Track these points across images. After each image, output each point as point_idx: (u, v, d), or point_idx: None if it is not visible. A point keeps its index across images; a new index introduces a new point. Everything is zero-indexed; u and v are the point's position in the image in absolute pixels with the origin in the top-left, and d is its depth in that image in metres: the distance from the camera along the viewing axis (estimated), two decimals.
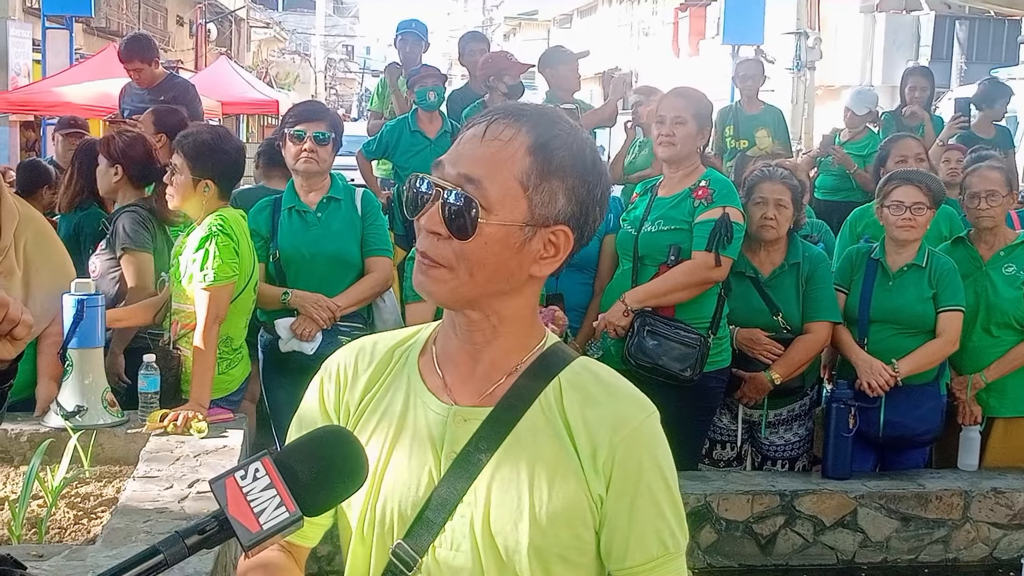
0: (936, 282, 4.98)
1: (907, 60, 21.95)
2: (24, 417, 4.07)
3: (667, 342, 4.67)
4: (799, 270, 5.00)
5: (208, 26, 34.71)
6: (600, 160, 1.64)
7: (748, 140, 7.93)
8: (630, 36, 37.69)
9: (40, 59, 16.02)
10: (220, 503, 1.35)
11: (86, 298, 4.02)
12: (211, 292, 4.19)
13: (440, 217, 1.54)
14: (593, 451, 1.58)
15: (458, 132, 1.67)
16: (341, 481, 1.43)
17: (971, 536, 5.14)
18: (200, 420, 4.00)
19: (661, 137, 4.80)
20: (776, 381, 4.94)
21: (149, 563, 1.31)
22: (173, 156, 4.39)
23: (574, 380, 1.63)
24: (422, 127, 6.78)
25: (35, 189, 6.28)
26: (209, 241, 4.21)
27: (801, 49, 18.65)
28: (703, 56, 28.97)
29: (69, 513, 3.43)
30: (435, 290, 1.57)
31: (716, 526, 4.93)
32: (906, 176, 5.09)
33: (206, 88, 12.61)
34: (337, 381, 1.72)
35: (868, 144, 7.85)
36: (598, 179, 1.62)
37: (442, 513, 1.59)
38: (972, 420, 5.22)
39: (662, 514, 1.61)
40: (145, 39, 7.61)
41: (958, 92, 15.86)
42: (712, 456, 5.23)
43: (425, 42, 8.27)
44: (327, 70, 67.36)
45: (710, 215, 4.70)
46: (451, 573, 1.60)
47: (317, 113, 4.91)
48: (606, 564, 1.63)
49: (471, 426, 1.60)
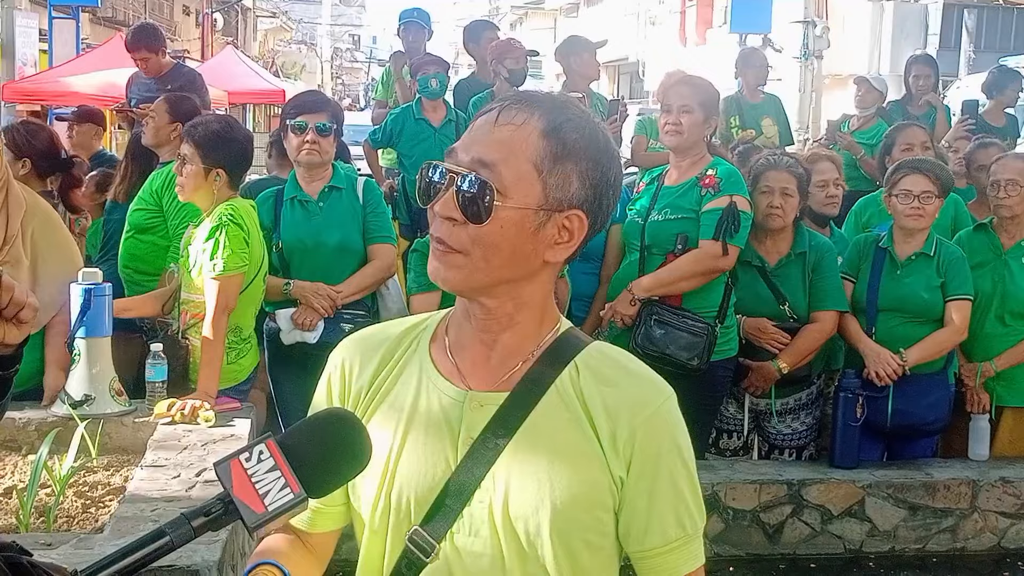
0: (944, 271, 4.97)
1: (915, 48, 21.78)
2: (32, 406, 4.08)
3: (674, 331, 4.66)
4: (805, 259, 4.99)
5: (214, 16, 34.70)
6: (613, 144, 1.64)
7: (755, 129, 7.90)
8: (637, 25, 37.61)
9: (47, 49, 16.04)
10: (225, 485, 1.35)
11: (93, 287, 4.02)
12: (220, 282, 4.19)
13: (455, 203, 1.53)
14: (613, 433, 1.58)
15: (464, 121, 1.67)
16: (345, 462, 1.44)
17: (979, 526, 5.14)
18: (207, 409, 4.00)
19: (667, 126, 4.80)
20: (783, 370, 4.93)
21: (155, 545, 1.32)
22: (182, 146, 4.38)
23: (591, 364, 1.63)
24: (426, 115, 6.78)
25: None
26: (219, 231, 4.21)
27: (809, 38, 18.59)
28: (710, 45, 28.92)
29: (77, 502, 3.44)
30: (450, 276, 1.56)
31: (723, 515, 4.94)
32: (915, 165, 5.07)
33: (212, 78, 12.59)
34: (342, 372, 1.72)
35: (877, 133, 7.82)
36: (611, 162, 1.61)
37: (460, 499, 1.59)
38: (980, 408, 5.21)
39: (681, 496, 1.61)
40: (152, 28, 7.61)
41: (966, 81, 15.81)
42: (719, 445, 5.23)
43: (428, 30, 8.26)
44: (333, 60, 67.39)
45: (717, 204, 4.69)
46: (470, 559, 1.59)
47: (318, 104, 4.90)
48: (624, 546, 1.64)
49: (487, 411, 1.60)
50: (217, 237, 4.20)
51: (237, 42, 35.70)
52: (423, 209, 1.61)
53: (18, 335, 1.82)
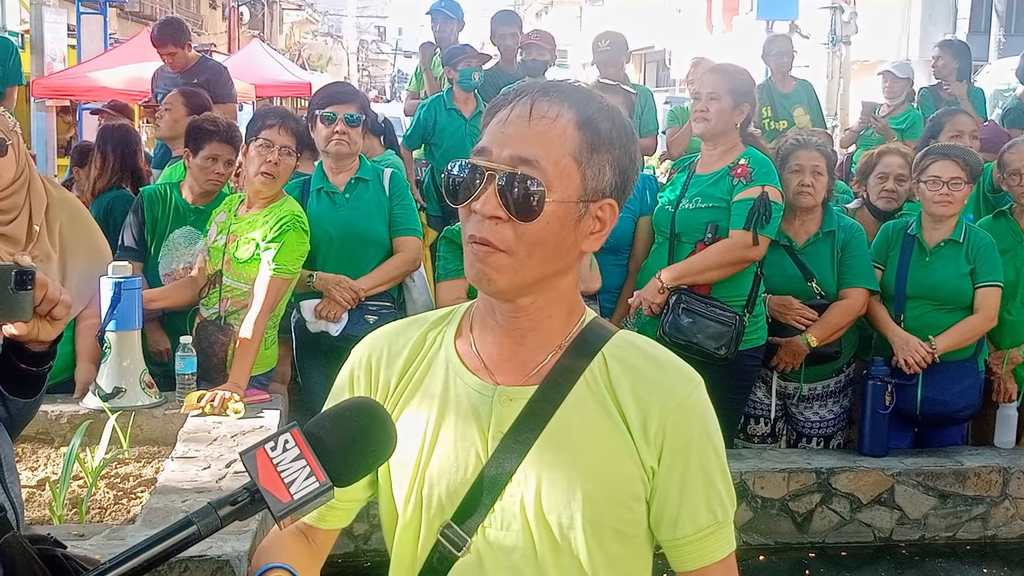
0: (974, 257, 4.93)
1: (944, 33, 21.64)
2: (63, 399, 4.12)
3: (702, 320, 4.65)
4: (834, 238, 4.98)
5: (241, 9, 34.82)
6: (633, 127, 1.66)
7: (787, 120, 7.86)
8: (663, 12, 37.42)
9: (75, 44, 16.11)
10: (251, 474, 1.36)
11: (123, 281, 4.05)
12: (271, 281, 4.25)
13: (498, 201, 1.52)
14: (644, 423, 1.58)
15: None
16: (370, 451, 1.44)
17: (1010, 513, 5.10)
18: (237, 401, 4.03)
19: (696, 113, 4.80)
20: (812, 343, 4.90)
21: (183, 534, 1.33)
22: (283, 138, 4.36)
23: (618, 354, 1.63)
24: (458, 105, 6.77)
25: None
26: (288, 232, 4.27)
27: (836, 24, 18.39)
28: (736, 32, 28.75)
29: (109, 493, 3.48)
30: (498, 277, 1.55)
31: (752, 504, 4.93)
32: (943, 151, 5.03)
33: (239, 71, 12.62)
34: (368, 367, 1.71)
35: (907, 118, 7.78)
36: (636, 148, 1.64)
37: (491, 493, 1.59)
38: (1007, 397, 5.17)
39: (712, 483, 1.61)
40: (177, 23, 7.64)
41: (997, 65, 15.65)
42: (747, 431, 5.22)
43: (458, 21, 8.23)
44: (359, 51, 67.48)
45: (749, 193, 4.67)
46: (503, 552, 1.60)
47: (347, 95, 4.92)
48: (656, 535, 1.64)
49: (516, 405, 1.60)
50: (285, 237, 4.26)
51: (263, 35, 35.79)
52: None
53: (52, 332, 1.84)
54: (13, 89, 8.08)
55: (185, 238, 4.83)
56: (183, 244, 4.83)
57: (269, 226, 4.29)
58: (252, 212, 4.40)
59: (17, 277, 1.74)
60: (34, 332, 1.82)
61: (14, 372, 1.88)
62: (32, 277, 1.76)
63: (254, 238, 4.32)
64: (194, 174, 4.82)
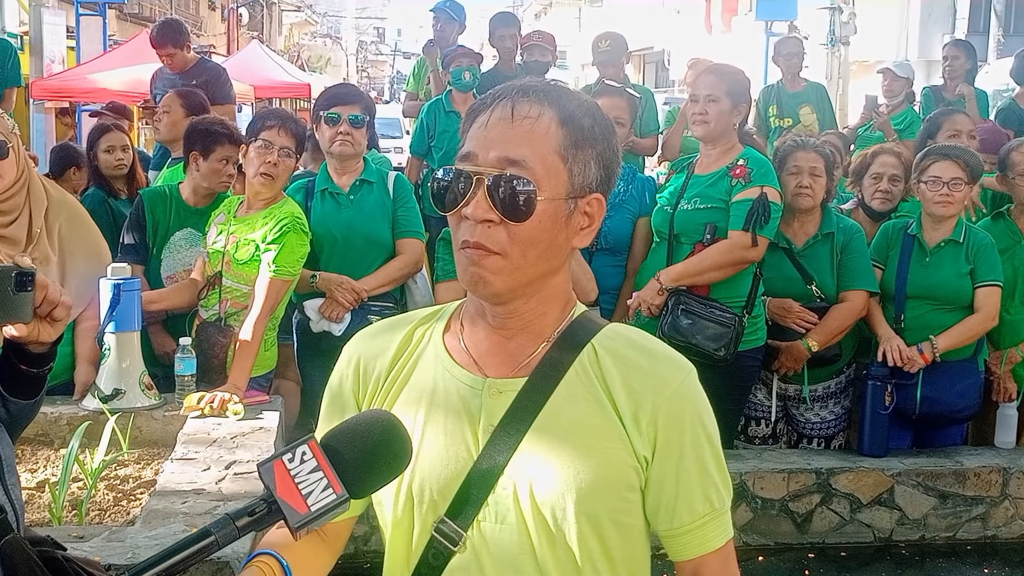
0: (973, 257, 4.93)
1: (943, 34, 21.65)
2: (63, 400, 4.12)
3: (701, 321, 4.64)
4: (833, 240, 4.97)
5: (240, 10, 34.84)
6: (612, 123, 1.67)
7: (792, 119, 7.86)
8: (662, 13, 37.43)
9: (74, 46, 16.12)
10: (268, 486, 1.37)
11: (123, 282, 4.05)
12: (271, 283, 4.25)
13: (489, 204, 1.53)
14: (635, 413, 1.58)
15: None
16: (386, 464, 1.45)
17: (1010, 513, 5.10)
18: (236, 402, 4.02)
19: (695, 116, 4.79)
20: (813, 348, 4.90)
21: (201, 544, 1.35)
22: (282, 139, 4.37)
23: (608, 345, 1.63)
24: (456, 108, 6.78)
25: (64, 171, 6.35)
26: (289, 234, 4.27)
27: (835, 24, 18.42)
28: (736, 32, 28.75)
29: (108, 495, 3.48)
30: (494, 279, 1.55)
31: (752, 504, 4.93)
32: (944, 151, 5.03)
33: (238, 72, 12.65)
34: (356, 365, 1.72)
35: (904, 118, 7.78)
36: (616, 141, 1.65)
37: (485, 486, 1.59)
38: (1007, 397, 5.18)
39: (707, 472, 1.62)
40: (176, 24, 7.63)
41: (995, 65, 15.65)
42: (747, 433, 5.22)
43: (459, 24, 8.23)
44: (359, 53, 67.50)
45: (747, 194, 4.67)
46: (498, 546, 1.59)
47: (351, 96, 4.92)
48: (653, 525, 1.64)
49: (506, 398, 1.60)
50: (285, 239, 4.26)
51: (262, 36, 35.81)
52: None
53: (52, 333, 1.84)
54: (12, 91, 8.09)
55: (187, 240, 4.83)
56: (185, 246, 4.82)
57: (269, 228, 4.30)
58: (252, 213, 4.40)
59: (17, 279, 1.74)
60: (34, 333, 1.82)
61: (14, 373, 1.89)
62: (32, 278, 1.76)
63: (254, 239, 4.32)
64: (205, 176, 4.80)
